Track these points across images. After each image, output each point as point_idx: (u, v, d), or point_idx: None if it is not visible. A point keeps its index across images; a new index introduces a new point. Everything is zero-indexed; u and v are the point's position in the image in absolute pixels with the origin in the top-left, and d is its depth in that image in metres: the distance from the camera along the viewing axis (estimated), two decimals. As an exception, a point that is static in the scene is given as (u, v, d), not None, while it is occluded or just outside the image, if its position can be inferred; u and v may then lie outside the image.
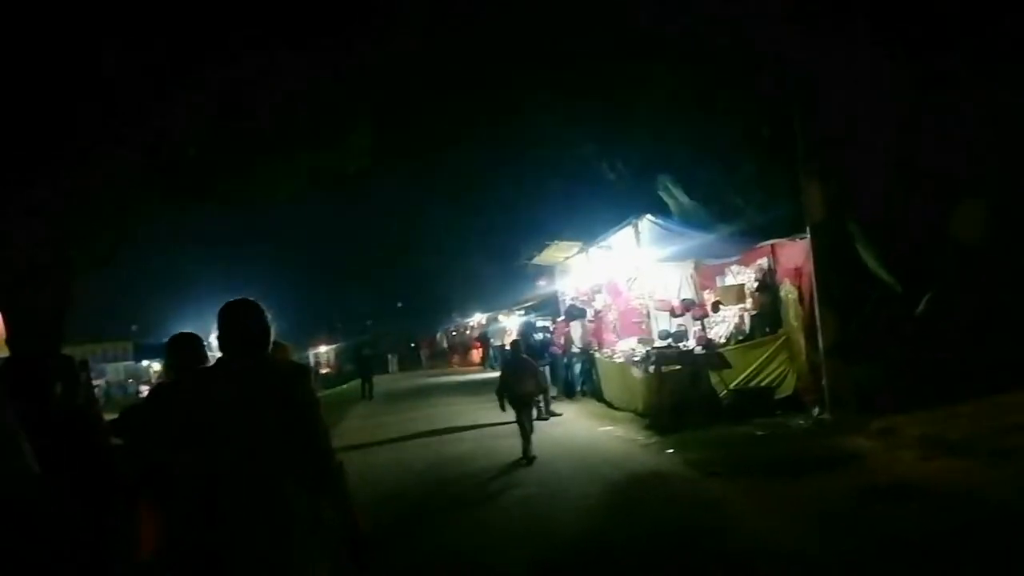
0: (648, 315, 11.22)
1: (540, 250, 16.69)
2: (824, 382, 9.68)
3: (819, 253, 9.70)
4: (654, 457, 8.61)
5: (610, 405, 13.53)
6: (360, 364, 23.15)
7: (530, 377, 9.26)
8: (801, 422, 9.42)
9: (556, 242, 14.91)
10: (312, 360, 45.70)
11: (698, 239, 10.76)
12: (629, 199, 18.03)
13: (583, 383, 15.54)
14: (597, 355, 14.70)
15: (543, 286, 19.00)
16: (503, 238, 31.98)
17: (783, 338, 10.99)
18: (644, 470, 7.99)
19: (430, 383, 26.89)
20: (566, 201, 21.28)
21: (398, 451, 11.10)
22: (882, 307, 9.51)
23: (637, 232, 11.02)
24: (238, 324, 2.65)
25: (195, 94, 10.17)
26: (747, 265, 11.81)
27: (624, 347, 13.53)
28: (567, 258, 15.88)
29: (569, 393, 15.55)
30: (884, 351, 9.38)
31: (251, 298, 2.74)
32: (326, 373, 37.34)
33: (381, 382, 28.94)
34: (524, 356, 9.88)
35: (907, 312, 9.26)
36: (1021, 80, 8.29)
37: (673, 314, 11.63)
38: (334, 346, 53.48)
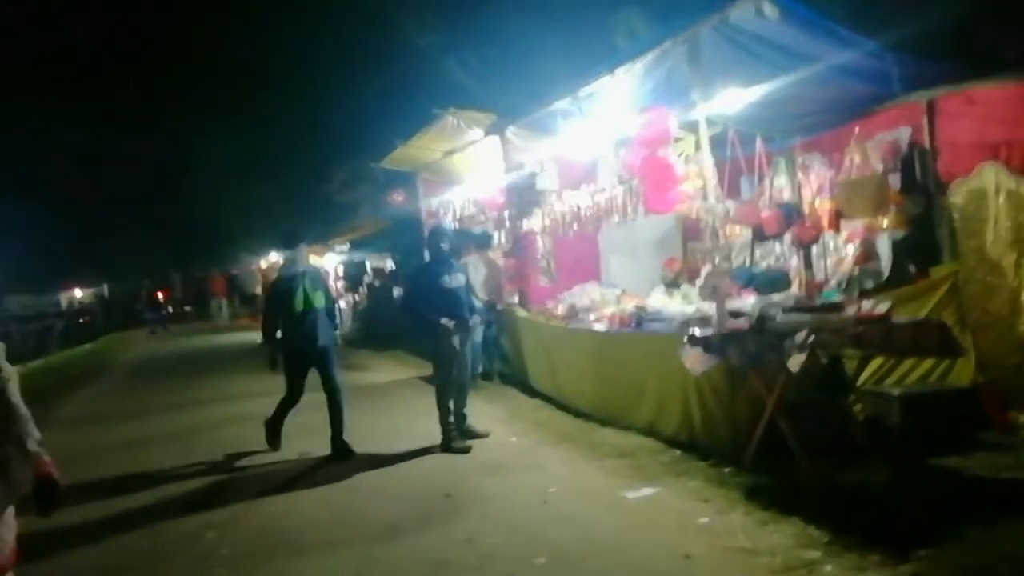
0: (710, 230, 5.00)
1: (404, 140, 9.91)
2: None
3: None
4: None
5: (552, 401, 7.47)
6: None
7: None
8: None
9: (449, 112, 8.15)
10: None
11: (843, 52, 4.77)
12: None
13: (489, 360, 9.25)
14: (523, 314, 8.46)
15: (399, 202, 12.18)
16: (305, 159, 25.88)
17: (950, 281, 5.45)
18: None
19: (206, 346, 18.77)
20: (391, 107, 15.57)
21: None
22: None
23: (695, 51, 4.79)
24: None
25: None
26: (861, 142, 6.01)
27: (582, 301, 7.50)
28: (450, 152, 9.32)
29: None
30: None
31: None
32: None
33: (127, 350, 20.45)
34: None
35: None
36: None
37: (760, 235, 5.61)
38: (92, 290, 41.98)
